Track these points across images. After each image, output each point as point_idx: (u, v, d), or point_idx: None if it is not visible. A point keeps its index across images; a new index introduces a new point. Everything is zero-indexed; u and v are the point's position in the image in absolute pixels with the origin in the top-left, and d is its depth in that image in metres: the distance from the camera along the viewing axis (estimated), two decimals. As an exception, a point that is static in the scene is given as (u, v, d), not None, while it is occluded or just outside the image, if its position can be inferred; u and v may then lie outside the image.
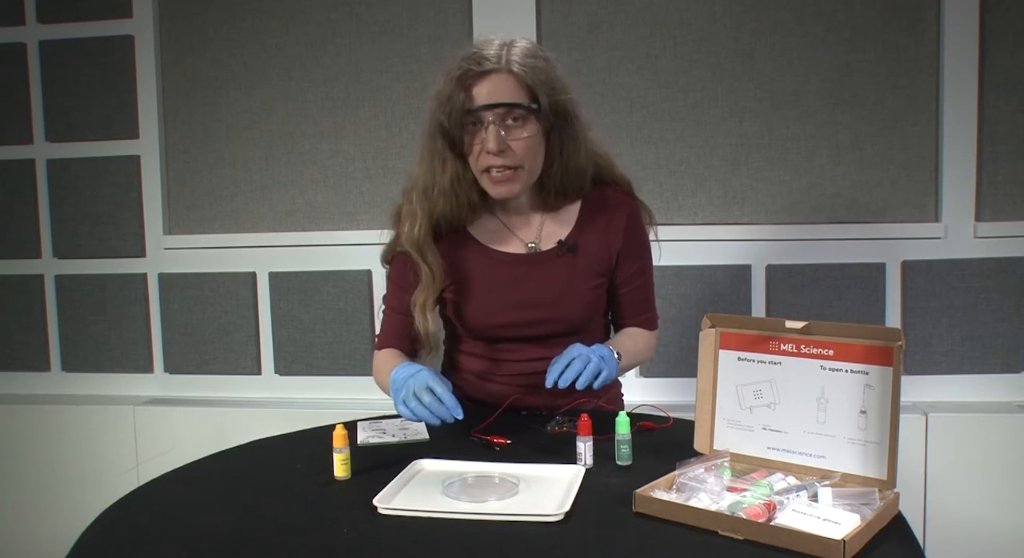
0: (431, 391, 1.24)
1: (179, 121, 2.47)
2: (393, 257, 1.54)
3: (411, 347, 1.53)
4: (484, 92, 1.35)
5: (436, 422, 1.23)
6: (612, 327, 1.63)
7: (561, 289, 1.49)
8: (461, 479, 1.13)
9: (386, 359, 1.50)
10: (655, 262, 1.60)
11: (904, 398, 1.56)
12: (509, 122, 1.36)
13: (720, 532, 0.95)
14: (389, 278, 1.57)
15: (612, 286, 1.55)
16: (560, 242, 1.49)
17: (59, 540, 1.16)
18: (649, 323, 1.60)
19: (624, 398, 1.68)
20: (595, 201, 1.52)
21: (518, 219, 1.51)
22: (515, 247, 1.50)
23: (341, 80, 2.38)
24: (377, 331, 1.61)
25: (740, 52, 2.21)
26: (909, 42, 2.16)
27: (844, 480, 1.05)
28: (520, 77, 1.35)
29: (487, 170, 1.39)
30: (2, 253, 2.56)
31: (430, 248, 1.45)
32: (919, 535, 1.77)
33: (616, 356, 1.38)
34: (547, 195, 1.49)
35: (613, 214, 1.51)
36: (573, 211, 1.52)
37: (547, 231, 1.50)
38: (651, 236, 1.59)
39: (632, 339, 1.55)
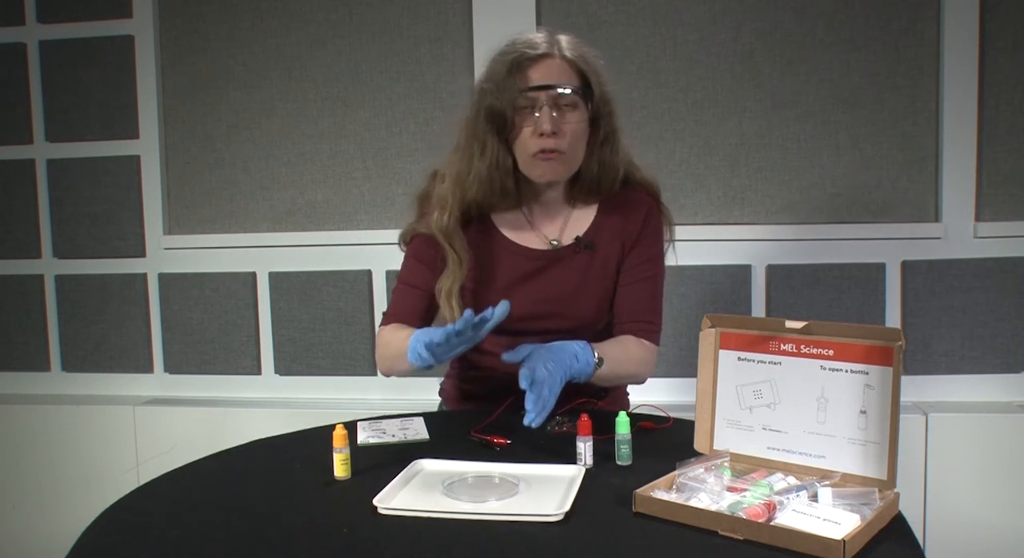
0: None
1: (179, 121, 2.47)
2: (413, 237, 1.52)
3: (421, 327, 1.49)
4: (539, 75, 1.37)
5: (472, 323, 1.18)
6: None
7: (576, 286, 1.49)
8: (461, 479, 1.13)
9: (396, 332, 1.45)
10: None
11: (904, 398, 1.56)
12: (562, 106, 1.37)
13: (720, 532, 0.95)
14: (409, 255, 1.53)
15: (615, 282, 1.52)
16: (577, 239, 1.49)
17: (59, 540, 1.16)
18: (647, 333, 1.50)
19: (629, 398, 1.67)
20: (616, 199, 1.52)
21: (543, 215, 1.51)
22: (536, 242, 1.50)
23: (341, 80, 2.38)
24: (375, 332, 1.59)
25: (740, 52, 2.21)
26: (909, 42, 2.16)
27: (844, 480, 1.05)
28: (573, 63, 1.39)
29: (536, 153, 1.39)
30: (2, 253, 2.56)
31: (458, 235, 1.45)
32: (919, 535, 1.77)
33: (595, 357, 1.35)
34: (579, 189, 1.49)
35: (632, 212, 1.51)
36: (594, 208, 1.52)
37: (569, 228, 1.51)
38: (666, 248, 1.55)
39: (622, 348, 1.46)
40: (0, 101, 2.52)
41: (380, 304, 2.38)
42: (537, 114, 1.37)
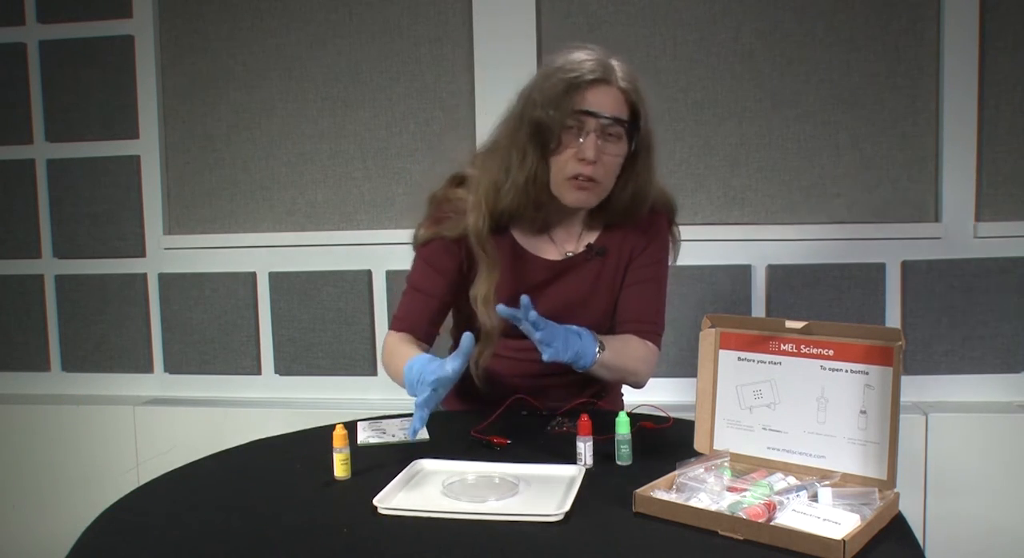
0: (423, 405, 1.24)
1: (179, 121, 2.47)
2: (430, 241, 1.50)
3: (429, 332, 1.50)
4: (594, 100, 1.35)
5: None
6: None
7: (587, 293, 1.50)
8: (461, 479, 1.13)
9: (400, 345, 1.45)
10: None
11: (904, 398, 1.56)
12: (607, 136, 1.37)
13: (720, 532, 0.95)
14: (421, 259, 1.52)
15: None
16: (589, 246, 1.50)
17: (59, 540, 1.16)
18: (648, 334, 1.51)
19: (624, 398, 1.68)
20: None
21: (562, 230, 1.51)
22: (552, 253, 1.50)
23: (341, 80, 2.38)
24: (379, 330, 1.58)
25: (740, 52, 2.21)
26: (909, 42, 2.16)
27: (844, 480, 1.05)
28: (628, 94, 1.38)
29: (573, 177, 1.38)
30: (2, 253, 2.56)
31: (491, 240, 1.44)
32: (919, 535, 1.77)
33: (596, 343, 1.34)
34: (606, 213, 1.49)
35: (645, 223, 1.51)
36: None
37: (583, 239, 1.51)
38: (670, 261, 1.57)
39: (623, 342, 1.47)
40: (0, 101, 2.52)
41: (380, 304, 2.38)
42: (582, 139, 1.36)
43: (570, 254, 1.50)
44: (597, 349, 1.34)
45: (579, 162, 1.36)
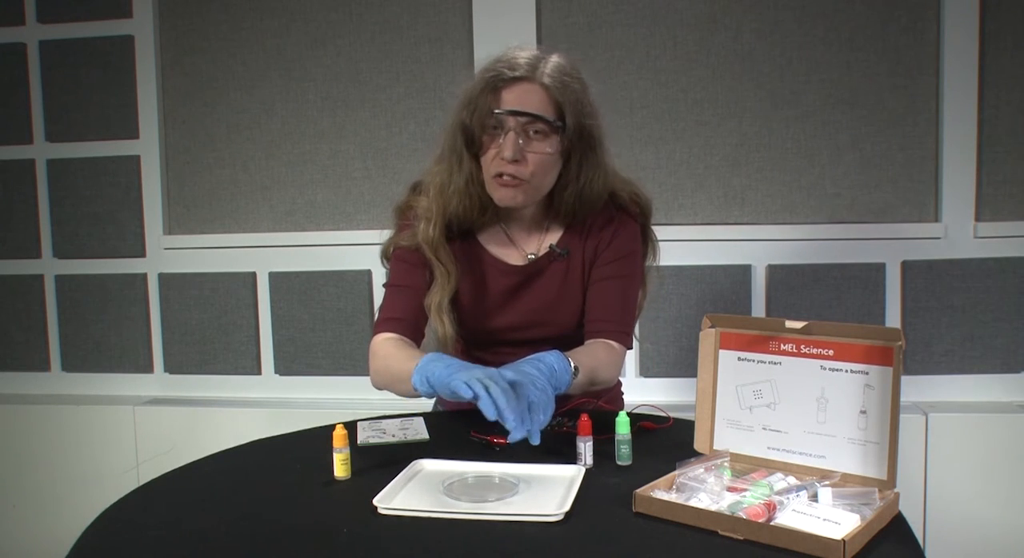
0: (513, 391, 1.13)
1: (179, 121, 2.47)
2: (396, 249, 1.50)
3: (417, 329, 1.47)
4: (512, 98, 1.34)
5: (513, 424, 1.10)
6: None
7: (557, 294, 1.48)
8: (461, 479, 1.13)
9: (399, 349, 1.40)
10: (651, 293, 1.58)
11: (904, 398, 1.56)
12: (531, 134, 1.35)
13: (720, 532, 0.95)
14: (395, 260, 1.50)
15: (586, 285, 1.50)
16: (551, 247, 1.48)
17: (59, 540, 1.16)
18: (615, 334, 1.45)
19: (624, 398, 1.68)
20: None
21: (520, 231, 1.50)
22: (516, 258, 1.49)
23: (341, 80, 2.38)
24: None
25: (740, 52, 2.21)
26: (909, 42, 2.16)
27: (844, 480, 1.05)
28: (551, 91, 1.34)
29: (498, 175, 1.37)
30: (2, 253, 2.56)
31: (444, 247, 1.43)
32: (919, 535, 1.77)
33: (571, 367, 1.29)
34: (555, 214, 1.48)
35: (607, 221, 1.49)
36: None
37: (546, 241, 1.50)
38: (649, 262, 1.55)
39: (591, 355, 1.40)
40: (0, 101, 2.52)
41: (380, 304, 2.38)
42: (502, 139, 1.34)
43: (532, 256, 1.48)
44: (571, 378, 1.29)
45: (500, 161, 1.35)
